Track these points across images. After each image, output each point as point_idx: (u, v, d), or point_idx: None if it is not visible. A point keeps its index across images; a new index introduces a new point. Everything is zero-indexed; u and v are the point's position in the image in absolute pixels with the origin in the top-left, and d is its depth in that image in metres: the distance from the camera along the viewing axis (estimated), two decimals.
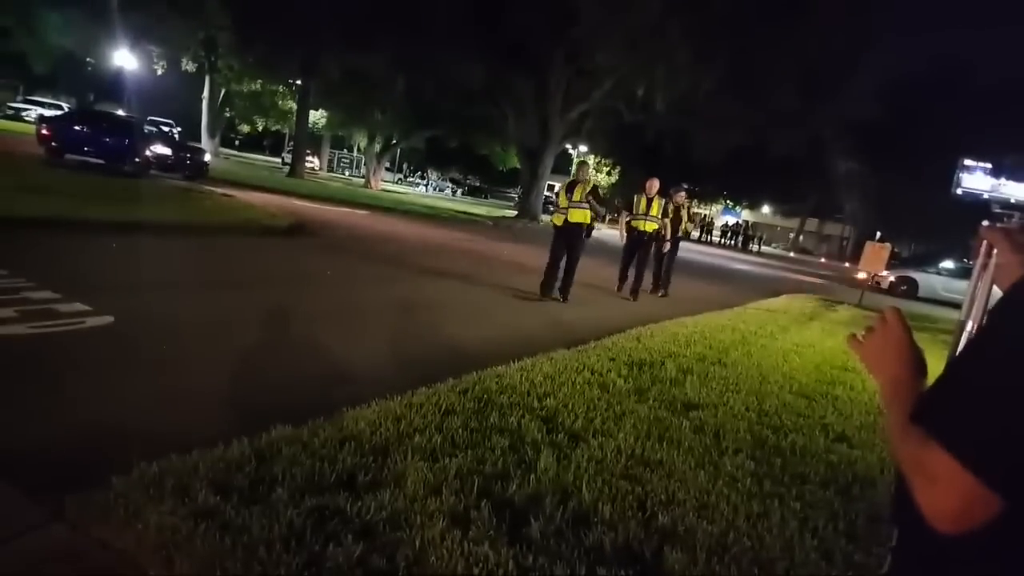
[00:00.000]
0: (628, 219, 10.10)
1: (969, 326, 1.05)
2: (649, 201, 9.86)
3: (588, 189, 8.29)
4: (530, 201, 28.84)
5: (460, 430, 3.46)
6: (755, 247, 44.49)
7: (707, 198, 47.48)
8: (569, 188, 8.38)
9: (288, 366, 4.53)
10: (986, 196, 1.58)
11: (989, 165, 1.69)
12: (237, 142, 62.52)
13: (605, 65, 22.56)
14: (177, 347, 4.47)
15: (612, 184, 40.82)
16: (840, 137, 29.61)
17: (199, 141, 31.56)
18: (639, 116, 26.14)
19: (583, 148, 37.45)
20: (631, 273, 10.16)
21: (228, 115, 40.43)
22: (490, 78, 24.93)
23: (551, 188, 44.87)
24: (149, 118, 28.08)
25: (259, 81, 34.00)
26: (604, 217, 9.49)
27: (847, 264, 37.68)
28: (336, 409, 3.46)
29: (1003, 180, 1.65)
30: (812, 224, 58.00)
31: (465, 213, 27.14)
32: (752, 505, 3.12)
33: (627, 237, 10.10)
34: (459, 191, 57.06)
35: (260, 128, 48.84)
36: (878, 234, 21.98)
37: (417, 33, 23.29)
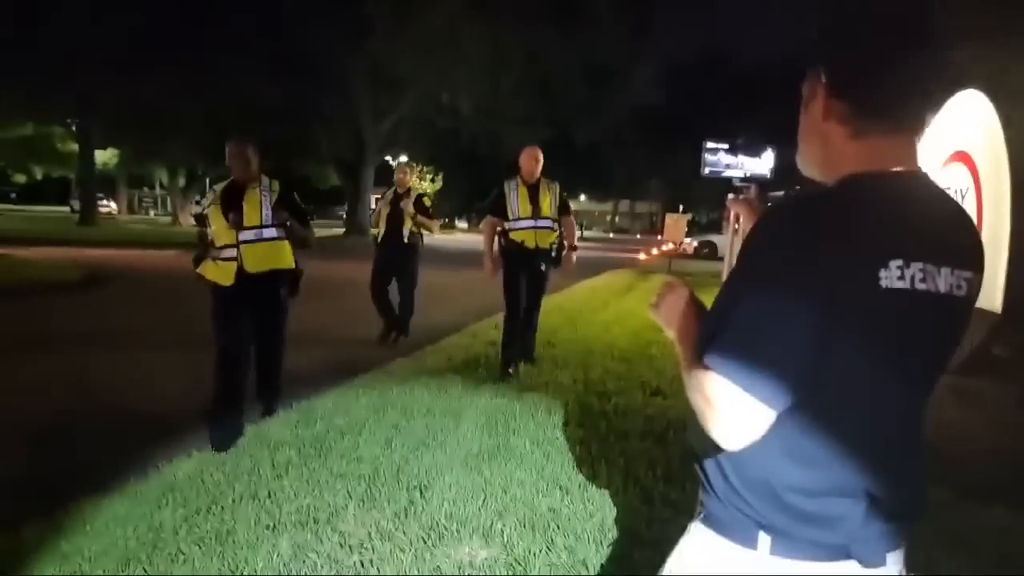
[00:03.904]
0: (504, 230, 5.36)
1: None
2: (533, 191, 5.32)
3: (275, 196, 3.97)
4: (357, 217, 28.45)
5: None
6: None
7: None
8: (229, 200, 3.89)
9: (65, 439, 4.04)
10: (727, 173, 1.87)
11: (726, 145, 2.01)
12: (13, 195, 54.96)
13: (406, 74, 22.74)
14: None
15: (437, 191, 41.17)
16: (632, 122, 32.27)
17: None
18: (451, 122, 26.64)
19: (403, 158, 37.44)
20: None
21: None
22: (293, 97, 24.09)
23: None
24: None
25: (29, 124, 30.06)
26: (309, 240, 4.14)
27: (659, 237, 41.18)
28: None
29: (740, 157, 1.96)
30: (625, 205, 62.53)
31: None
32: (582, 470, 3.36)
33: (506, 262, 5.35)
34: None
35: (39, 176, 43.26)
36: (680, 207, 24.36)
37: (202, 56, 21.86)
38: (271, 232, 3.92)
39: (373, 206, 31.63)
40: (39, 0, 20.75)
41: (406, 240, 6.71)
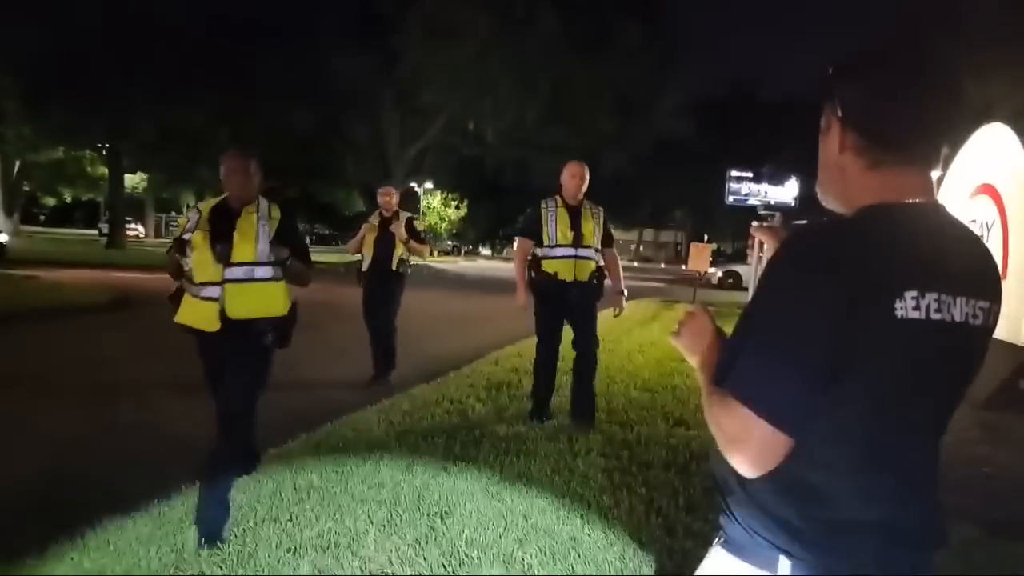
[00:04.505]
0: (536, 258, 4.59)
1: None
2: (575, 215, 4.50)
3: (274, 226, 3.17)
4: None
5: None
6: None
7: None
8: (218, 225, 3.07)
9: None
10: (750, 202, 1.86)
11: (750, 174, 2.00)
12: (43, 217, 56.52)
13: (433, 102, 23.16)
14: None
15: (462, 218, 41.45)
16: (658, 151, 32.40)
17: None
18: (476, 149, 27.01)
19: (428, 185, 37.91)
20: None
21: (27, 189, 36.35)
22: (321, 123, 24.63)
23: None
24: None
25: (61, 148, 30.98)
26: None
27: (683, 267, 41.04)
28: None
29: (764, 185, 1.96)
30: (649, 234, 62.49)
31: (314, 262, 26.32)
32: (603, 499, 3.32)
33: (539, 298, 4.60)
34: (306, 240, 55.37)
35: (69, 199, 44.50)
36: (705, 236, 24.36)
37: (236, 84, 22.48)
38: (265, 272, 3.09)
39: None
40: (72, 26, 21.45)
41: (396, 268, 5.88)
